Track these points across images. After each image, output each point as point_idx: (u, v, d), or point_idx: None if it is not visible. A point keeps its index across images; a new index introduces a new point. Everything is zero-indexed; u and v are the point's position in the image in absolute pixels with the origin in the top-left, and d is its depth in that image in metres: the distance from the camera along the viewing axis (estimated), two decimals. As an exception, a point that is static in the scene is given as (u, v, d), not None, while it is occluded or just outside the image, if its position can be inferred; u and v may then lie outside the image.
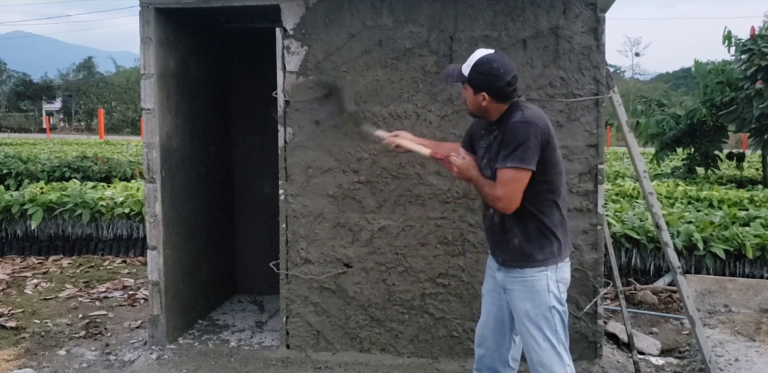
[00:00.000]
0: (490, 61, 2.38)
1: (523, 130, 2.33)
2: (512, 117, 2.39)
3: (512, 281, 2.53)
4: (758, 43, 10.92)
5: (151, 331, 3.91)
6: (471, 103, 2.49)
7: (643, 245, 5.43)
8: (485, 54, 2.42)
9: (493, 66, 2.37)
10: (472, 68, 2.40)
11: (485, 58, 2.39)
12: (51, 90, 55.98)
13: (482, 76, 2.39)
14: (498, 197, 2.38)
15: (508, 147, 2.34)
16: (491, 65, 2.38)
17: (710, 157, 12.52)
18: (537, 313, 2.47)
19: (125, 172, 10.58)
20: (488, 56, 2.40)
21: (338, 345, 3.75)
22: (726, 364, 3.68)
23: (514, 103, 2.45)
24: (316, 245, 3.71)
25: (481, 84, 2.40)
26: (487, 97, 2.41)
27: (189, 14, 3.96)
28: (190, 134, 4.22)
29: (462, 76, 2.44)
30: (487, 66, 2.38)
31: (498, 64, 2.38)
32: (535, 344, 2.47)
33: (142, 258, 6.31)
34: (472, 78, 2.41)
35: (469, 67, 2.41)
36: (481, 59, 2.39)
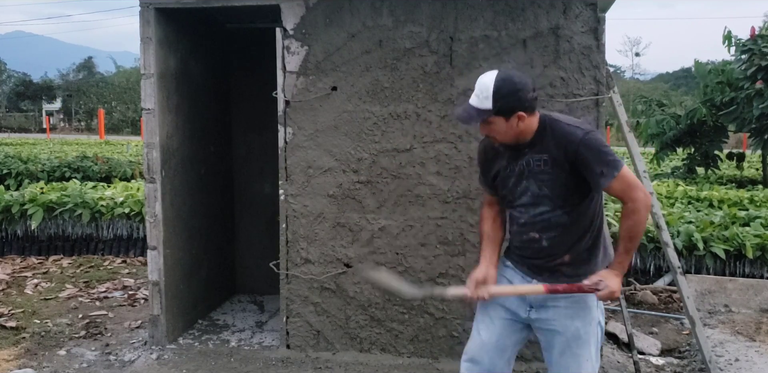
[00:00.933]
0: (509, 79, 2.13)
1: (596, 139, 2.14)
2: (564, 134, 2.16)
3: (557, 298, 2.27)
4: (758, 43, 10.92)
5: (151, 331, 3.91)
6: (505, 133, 2.20)
7: (643, 245, 5.42)
8: (494, 76, 2.15)
9: (515, 81, 2.14)
10: (495, 96, 2.11)
11: (501, 80, 2.13)
12: (51, 90, 56.01)
13: (511, 98, 2.12)
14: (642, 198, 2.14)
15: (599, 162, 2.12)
16: (513, 82, 2.13)
17: (710, 157, 12.52)
18: (587, 331, 2.28)
19: (125, 172, 10.58)
20: (501, 76, 2.14)
21: (338, 345, 3.76)
22: (726, 364, 3.68)
23: (542, 118, 2.24)
24: (316, 245, 3.71)
25: (513, 105, 2.13)
26: (524, 115, 2.16)
27: (189, 14, 3.96)
28: (190, 134, 4.22)
29: (486, 111, 2.14)
30: (510, 84, 2.12)
31: (517, 77, 2.16)
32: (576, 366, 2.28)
33: (142, 258, 6.31)
34: (501, 105, 2.12)
35: (488, 97, 2.12)
36: (499, 82, 2.12)
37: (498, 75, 2.14)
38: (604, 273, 2.19)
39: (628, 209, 2.17)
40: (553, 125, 2.21)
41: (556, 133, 2.20)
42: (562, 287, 2.22)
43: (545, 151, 2.21)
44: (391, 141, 3.60)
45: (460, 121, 2.25)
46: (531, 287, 2.29)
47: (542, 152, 2.21)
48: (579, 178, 2.19)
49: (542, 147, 2.21)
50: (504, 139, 2.23)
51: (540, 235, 2.28)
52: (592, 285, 2.16)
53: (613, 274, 2.18)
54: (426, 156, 3.58)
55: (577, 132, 2.16)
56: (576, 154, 2.14)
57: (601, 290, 2.15)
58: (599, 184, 2.15)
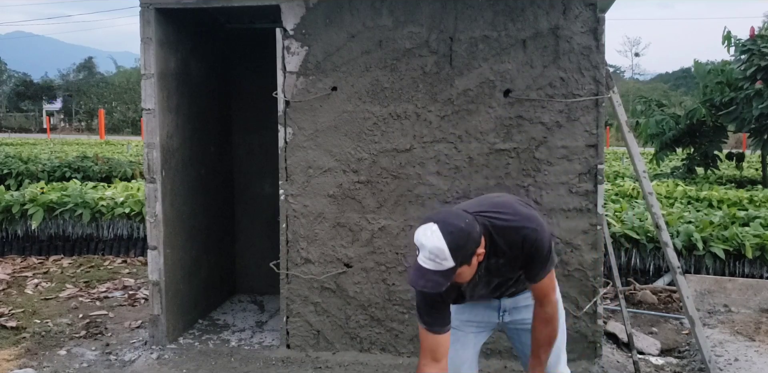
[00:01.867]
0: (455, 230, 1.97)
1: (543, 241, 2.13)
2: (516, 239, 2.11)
3: (529, 296, 2.35)
4: (758, 43, 10.94)
5: (152, 331, 3.92)
6: (470, 273, 2.09)
7: (642, 245, 5.43)
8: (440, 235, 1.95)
9: (461, 227, 1.98)
10: (453, 253, 1.95)
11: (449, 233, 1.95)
12: (51, 90, 56.02)
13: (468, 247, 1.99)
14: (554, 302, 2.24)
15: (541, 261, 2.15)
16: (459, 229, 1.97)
17: (710, 157, 12.53)
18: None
19: (125, 172, 10.59)
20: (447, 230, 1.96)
21: (338, 345, 3.76)
22: (725, 364, 3.69)
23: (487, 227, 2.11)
24: (316, 245, 3.71)
25: (472, 250, 2.01)
26: (480, 251, 2.05)
27: (189, 14, 3.96)
28: (190, 134, 4.23)
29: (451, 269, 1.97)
30: (459, 234, 1.96)
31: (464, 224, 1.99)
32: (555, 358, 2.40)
33: (143, 258, 6.32)
34: (462, 257, 1.98)
35: (447, 258, 1.94)
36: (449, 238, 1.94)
37: (443, 232, 1.96)
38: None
39: (547, 315, 2.24)
40: (501, 233, 2.11)
41: (507, 239, 2.12)
42: None
43: (501, 256, 2.14)
44: (391, 141, 3.60)
45: (431, 291, 2.00)
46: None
47: (498, 256, 2.15)
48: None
49: (496, 252, 2.13)
50: (468, 279, 2.12)
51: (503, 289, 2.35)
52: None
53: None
54: (426, 156, 3.58)
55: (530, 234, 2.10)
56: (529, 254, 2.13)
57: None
58: (533, 278, 2.20)
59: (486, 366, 3.44)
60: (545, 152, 3.48)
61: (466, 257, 2.00)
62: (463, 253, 1.98)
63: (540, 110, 3.46)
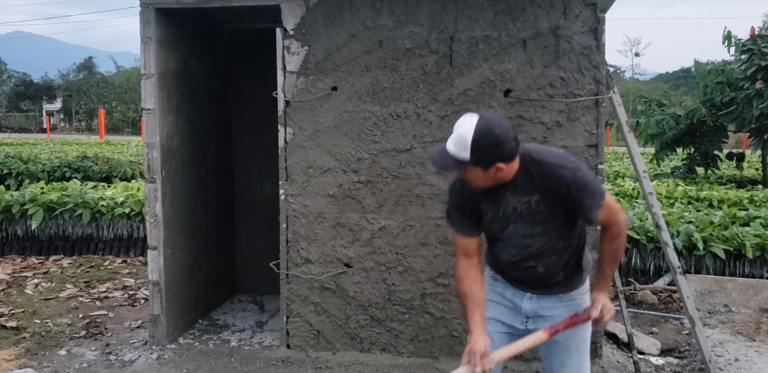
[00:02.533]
0: (489, 130, 1.95)
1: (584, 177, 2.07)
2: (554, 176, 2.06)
3: (554, 306, 2.28)
4: (758, 43, 10.94)
5: (152, 331, 3.92)
6: (483, 181, 2.07)
7: (643, 245, 5.43)
8: (474, 125, 1.96)
9: (495, 133, 1.95)
10: (473, 148, 1.94)
11: (481, 130, 1.95)
12: (51, 90, 56.03)
13: (489, 150, 1.97)
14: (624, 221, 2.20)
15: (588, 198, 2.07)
16: (493, 134, 1.95)
17: (710, 157, 12.53)
18: (586, 337, 2.31)
19: (125, 172, 10.59)
20: (481, 126, 1.95)
21: (338, 345, 3.76)
22: (726, 364, 3.68)
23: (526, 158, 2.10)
24: (316, 245, 3.71)
25: (492, 158, 1.99)
26: (503, 166, 2.02)
27: (189, 14, 3.96)
28: (190, 134, 4.23)
29: (462, 162, 1.98)
30: (490, 137, 1.95)
31: (497, 128, 1.97)
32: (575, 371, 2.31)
33: (143, 258, 6.32)
34: (479, 158, 1.97)
35: (466, 148, 1.95)
36: (479, 133, 1.94)
37: (478, 125, 1.96)
38: (601, 298, 2.23)
39: (613, 233, 2.20)
40: (539, 168, 2.10)
41: (543, 176, 2.09)
42: (563, 325, 2.21)
43: (533, 193, 2.11)
44: (391, 141, 3.60)
45: (435, 168, 2.05)
46: (534, 338, 2.21)
47: (528, 194, 2.11)
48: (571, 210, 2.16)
49: (528, 189, 2.11)
50: (481, 185, 2.11)
51: (536, 263, 2.24)
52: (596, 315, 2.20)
53: (605, 296, 2.24)
54: (426, 156, 3.58)
55: (566, 174, 2.06)
56: (568, 194, 2.08)
57: (606, 316, 2.20)
58: (591, 218, 2.13)
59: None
60: (545, 152, 3.48)
61: (483, 160, 1.99)
62: (482, 154, 1.97)
63: (540, 110, 3.46)
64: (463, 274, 2.25)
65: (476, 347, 2.12)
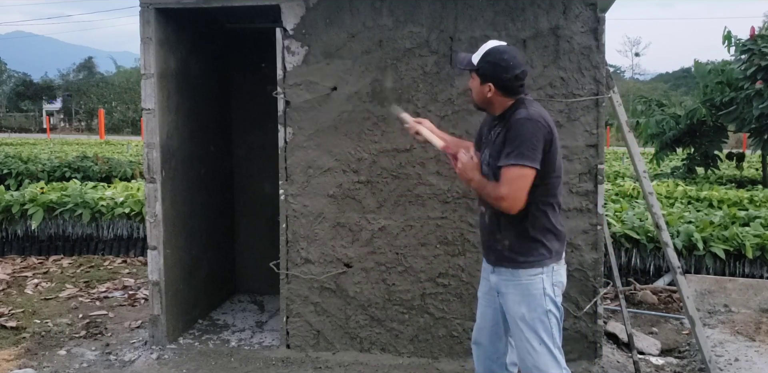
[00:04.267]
0: (500, 52, 2.36)
1: (528, 128, 2.28)
2: (517, 114, 2.34)
3: (506, 284, 2.48)
4: (758, 43, 10.94)
5: (152, 331, 3.92)
6: (476, 93, 2.47)
7: (643, 245, 5.43)
8: (497, 45, 2.40)
9: (503, 57, 2.35)
10: (482, 57, 2.38)
11: (496, 49, 2.37)
12: (51, 90, 56.03)
13: (490, 66, 2.36)
14: (502, 197, 2.28)
15: (512, 144, 2.28)
16: (501, 56, 2.35)
17: (710, 157, 12.53)
18: (533, 317, 2.42)
19: (125, 172, 10.58)
20: (499, 47, 2.38)
21: (338, 345, 3.76)
22: (726, 364, 3.68)
23: (519, 100, 2.41)
24: (316, 245, 3.71)
25: (488, 73, 2.38)
26: (493, 89, 2.39)
27: (189, 14, 3.96)
28: (190, 134, 4.23)
29: (471, 63, 2.42)
30: (497, 56, 2.35)
31: (508, 56, 2.36)
32: (531, 348, 2.43)
33: (143, 258, 6.32)
34: (481, 67, 2.39)
35: (479, 55, 2.39)
36: (492, 49, 2.38)
37: (499, 46, 2.39)
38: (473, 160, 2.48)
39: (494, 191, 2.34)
40: (517, 106, 2.39)
41: (512, 113, 2.38)
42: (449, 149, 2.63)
43: (503, 128, 2.39)
44: (391, 141, 3.60)
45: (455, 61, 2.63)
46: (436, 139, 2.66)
47: (502, 128, 2.40)
48: None
49: (502, 125, 2.41)
50: (475, 99, 2.49)
51: (485, 208, 2.51)
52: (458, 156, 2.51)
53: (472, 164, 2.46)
54: (426, 156, 3.58)
55: (521, 114, 2.33)
56: (507, 132, 2.34)
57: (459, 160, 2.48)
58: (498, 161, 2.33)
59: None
60: (545, 152, 3.48)
61: (483, 71, 2.39)
62: (484, 66, 2.38)
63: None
64: None
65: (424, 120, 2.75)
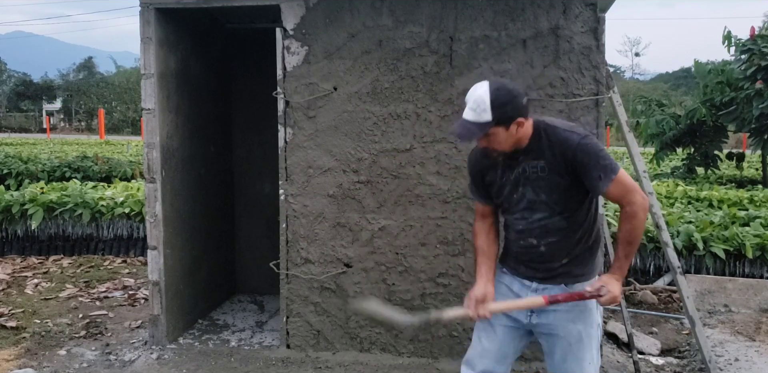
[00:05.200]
0: (503, 87, 2.10)
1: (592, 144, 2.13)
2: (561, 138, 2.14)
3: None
4: (758, 43, 10.93)
5: (152, 331, 3.92)
6: (506, 142, 2.16)
7: (643, 245, 5.42)
8: (487, 87, 2.09)
9: (509, 88, 2.11)
10: (493, 106, 2.06)
11: (495, 88, 2.08)
12: (51, 90, 56.02)
13: (510, 106, 2.08)
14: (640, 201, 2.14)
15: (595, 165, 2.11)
16: (507, 89, 2.10)
17: (710, 157, 12.53)
18: (589, 333, 2.29)
19: (125, 172, 10.58)
20: (495, 86, 2.10)
21: (338, 345, 3.76)
22: (726, 364, 3.68)
23: (540, 125, 2.21)
24: (316, 245, 3.71)
25: (512, 113, 2.10)
26: (523, 121, 2.13)
27: (189, 14, 3.96)
28: (190, 134, 4.23)
29: (487, 124, 2.08)
30: (506, 92, 2.09)
31: (509, 85, 2.15)
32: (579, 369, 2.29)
33: (143, 258, 6.31)
34: (501, 115, 2.07)
35: (486, 110, 2.06)
36: (495, 92, 2.07)
37: (491, 85, 2.10)
38: (605, 278, 2.18)
39: (627, 213, 2.16)
40: (549, 131, 2.19)
41: (552, 139, 2.17)
42: (563, 296, 2.20)
43: (541, 158, 2.19)
44: (391, 141, 3.60)
45: (460, 139, 2.17)
46: (531, 300, 2.26)
47: (538, 158, 2.19)
48: (576, 182, 2.18)
49: (538, 153, 2.19)
50: (504, 148, 2.19)
51: (538, 241, 2.27)
52: (593, 292, 2.16)
53: (614, 278, 2.17)
54: (426, 156, 3.58)
55: (573, 137, 2.14)
56: (574, 159, 2.13)
57: (603, 295, 2.14)
58: (597, 188, 2.14)
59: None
60: (545, 152, 3.48)
61: (504, 117, 2.09)
62: (503, 111, 2.07)
63: (540, 110, 3.46)
64: (479, 231, 2.43)
65: (474, 294, 2.27)
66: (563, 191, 2.19)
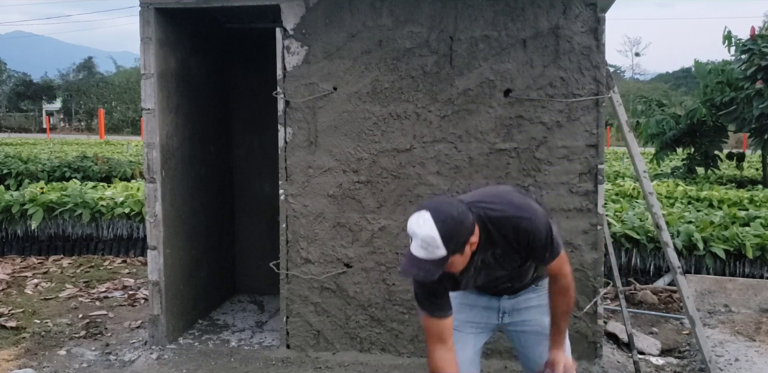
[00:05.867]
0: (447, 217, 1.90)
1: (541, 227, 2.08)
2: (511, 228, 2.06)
3: (530, 297, 2.38)
4: (758, 43, 10.93)
5: (152, 331, 3.92)
6: (463, 262, 2.02)
7: (643, 245, 5.43)
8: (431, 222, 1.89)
9: (453, 215, 1.92)
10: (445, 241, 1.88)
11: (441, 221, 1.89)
12: (51, 90, 55.98)
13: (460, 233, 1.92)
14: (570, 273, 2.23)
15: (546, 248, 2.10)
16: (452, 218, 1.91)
17: (710, 157, 12.53)
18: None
19: (125, 172, 10.58)
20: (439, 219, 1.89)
21: (338, 345, 3.76)
22: (726, 364, 3.68)
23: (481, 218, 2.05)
24: (316, 245, 3.71)
25: (465, 238, 1.95)
26: (474, 240, 1.99)
27: (189, 14, 3.96)
28: (190, 134, 4.23)
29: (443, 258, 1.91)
30: (453, 222, 1.91)
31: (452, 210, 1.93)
32: None
33: (142, 258, 6.31)
34: (455, 245, 1.92)
35: (438, 246, 1.88)
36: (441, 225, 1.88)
37: (435, 220, 1.89)
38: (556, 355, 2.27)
39: (563, 286, 2.22)
40: (494, 222, 2.07)
41: (502, 230, 2.07)
42: None
43: (496, 246, 2.11)
44: (391, 141, 3.60)
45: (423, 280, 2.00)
46: None
47: (493, 248, 2.11)
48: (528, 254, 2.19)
49: (491, 244, 2.09)
50: (461, 268, 2.05)
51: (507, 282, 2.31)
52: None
53: (562, 352, 2.28)
54: (426, 156, 3.58)
55: (523, 224, 2.06)
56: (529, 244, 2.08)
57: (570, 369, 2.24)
58: (543, 263, 2.18)
59: (486, 366, 3.44)
60: (545, 152, 3.48)
61: (459, 246, 1.94)
62: (455, 241, 1.92)
63: (540, 110, 3.46)
64: (441, 364, 2.14)
65: None
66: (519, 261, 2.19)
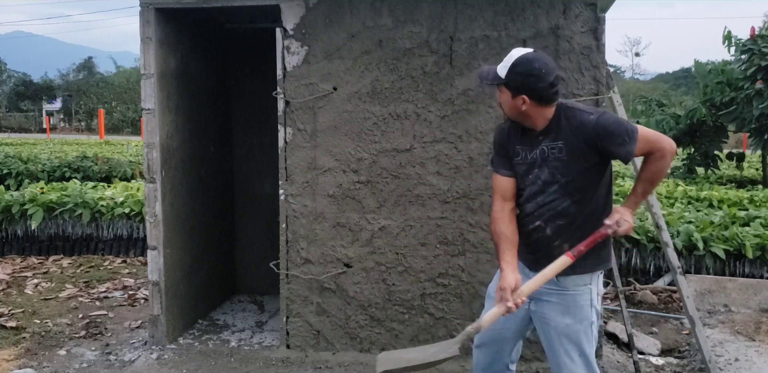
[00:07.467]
0: (530, 61, 2.18)
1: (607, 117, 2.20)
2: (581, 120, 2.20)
3: (549, 292, 2.31)
4: (758, 43, 10.92)
5: (152, 331, 3.92)
6: (509, 108, 2.27)
7: (643, 245, 5.43)
8: (524, 53, 2.20)
9: (534, 66, 2.17)
10: (510, 69, 2.19)
11: (524, 58, 2.19)
12: (51, 90, 55.96)
13: (522, 78, 2.18)
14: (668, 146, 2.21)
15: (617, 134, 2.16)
16: (531, 65, 2.17)
17: (710, 157, 12.52)
18: (578, 329, 2.31)
19: (125, 172, 10.58)
20: (527, 56, 2.19)
21: (338, 345, 3.76)
22: (726, 364, 3.68)
23: (561, 107, 2.26)
24: (316, 245, 3.71)
25: (520, 86, 2.19)
26: (528, 101, 2.20)
27: (189, 14, 3.96)
28: (190, 134, 4.23)
29: (498, 77, 2.22)
30: (527, 66, 2.17)
31: (539, 63, 2.18)
32: (569, 360, 2.32)
33: (142, 258, 6.31)
34: (510, 80, 2.20)
35: (506, 67, 2.20)
36: (520, 59, 2.19)
37: (527, 54, 2.20)
38: (621, 210, 2.27)
39: (655, 156, 2.23)
40: (568, 113, 2.25)
41: (571, 121, 2.23)
42: (585, 244, 2.24)
43: (560, 139, 2.24)
44: (391, 141, 3.60)
45: (479, 77, 2.33)
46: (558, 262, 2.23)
47: (557, 139, 2.25)
48: (593, 166, 2.24)
49: (557, 134, 2.25)
50: (508, 113, 2.31)
51: (545, 223, 2.32)
52: (612, 225, 2.23)
53: (629, 211, 2.27)
54: (426, 156, 3.58)
55: (590, 117, 2.20)
56: (595, 137, 2.19)
57: (621, 227, 2.22)
58: (627, 152, 2.19)
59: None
60: (545, 152, 3.48)
61: (514, 83, 2.20)
62: (514, 78, 2.19)
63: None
64: (498, 215, 2.37)
65: (506, 284, 2.22)
66: (578, 174, 2.24)
